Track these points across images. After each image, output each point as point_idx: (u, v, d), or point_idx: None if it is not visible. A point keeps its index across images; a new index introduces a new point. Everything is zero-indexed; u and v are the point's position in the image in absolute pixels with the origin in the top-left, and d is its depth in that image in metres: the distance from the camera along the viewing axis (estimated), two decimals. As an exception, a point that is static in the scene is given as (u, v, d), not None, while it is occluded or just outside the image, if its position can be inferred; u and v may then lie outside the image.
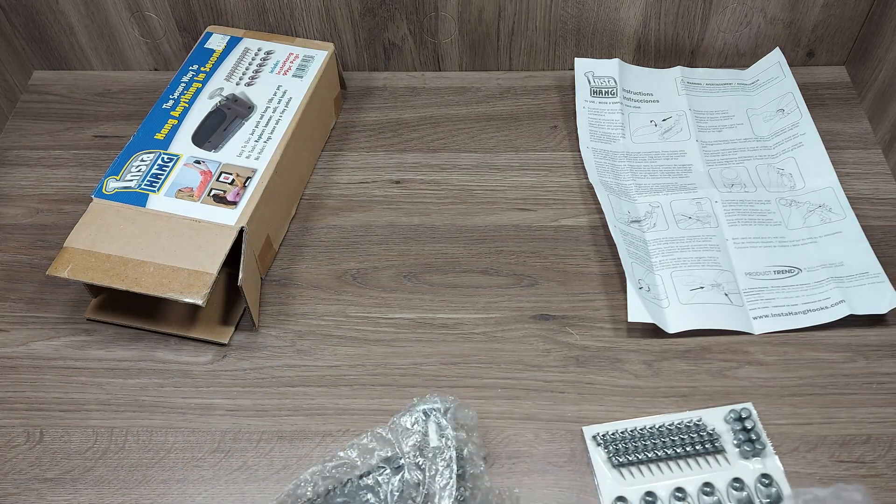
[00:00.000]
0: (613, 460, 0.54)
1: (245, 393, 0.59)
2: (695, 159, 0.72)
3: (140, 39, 0.79)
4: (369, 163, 0.74)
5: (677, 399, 0.58)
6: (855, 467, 0.54)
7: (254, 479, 0.54)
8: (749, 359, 0.60)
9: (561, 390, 0.58)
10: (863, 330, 0.61)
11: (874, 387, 0.58)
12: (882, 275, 0.63)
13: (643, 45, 0.79)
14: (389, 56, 0.80)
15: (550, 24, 0.77)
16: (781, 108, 0.75)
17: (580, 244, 0.67)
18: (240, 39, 0.74)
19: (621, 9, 0.76)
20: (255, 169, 0.64)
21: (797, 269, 0.65)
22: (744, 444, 0.55)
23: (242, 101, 0.69)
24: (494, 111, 0.78)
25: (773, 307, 0.62)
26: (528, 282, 0.65)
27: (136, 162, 0.64)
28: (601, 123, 0.75)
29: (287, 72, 0.71)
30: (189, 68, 0.72)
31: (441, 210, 0.70)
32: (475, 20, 0.77)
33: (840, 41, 0.79)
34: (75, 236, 0.60)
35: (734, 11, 0.76)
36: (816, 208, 0.68)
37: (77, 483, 0.54)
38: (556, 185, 0.72)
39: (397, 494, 0.50)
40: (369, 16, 0.77)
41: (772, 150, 0.73)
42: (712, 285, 0.63)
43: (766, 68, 0.78)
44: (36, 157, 0.75)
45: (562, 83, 0.80)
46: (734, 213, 0.68)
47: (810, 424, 0.56)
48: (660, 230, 0.67)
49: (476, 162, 0.74)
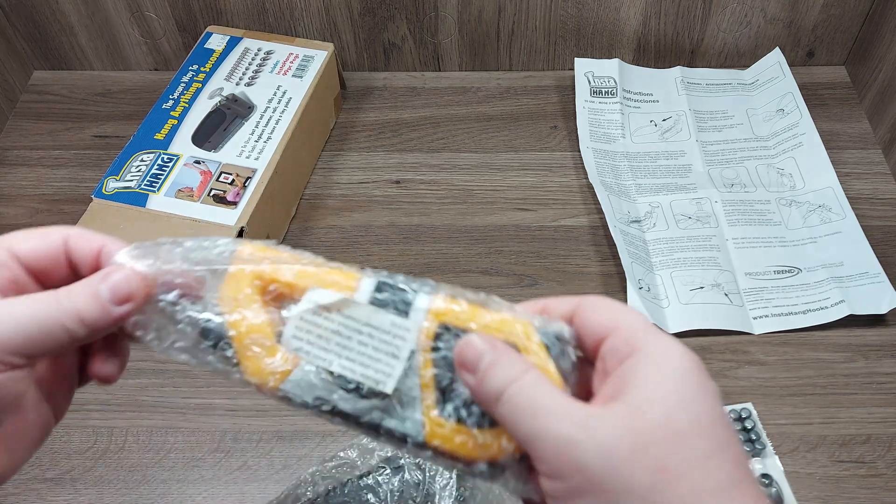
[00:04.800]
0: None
1: (245, 393, 0.59)
2: (695, 159, 0.72)
3: (140, 39, 0.79)
4: (369, 163, 0.74)
5: (677, 399, 0.58)
6: (855, 467, 0.54)
7: (254, 479, 0.54)
8: (749, 359, 0.60)
9: (561, 390, 0.58)
10: (863, 330, 0.61)
11: (874, 387, 0.58)
12: (882, 275, 0.63)
13: (643, 45, 0.79)
14: (389, 56, 0.80)
15: (550, 23, 0.77)
16: (781, 108, 0.75)
17: (580, 244, 0.67)
18: (240, 39, 0.74)
19: (621, 9, 0.76)
20: (254, 169, 0.64)
21: (797, 269, 0.65)
22: (744, 444, 0.54)
23: (242, 101, 0.69)
24: (494, 111, 0.78)
25: (773, 307, 0.62)
26: (528, 282, 0.65)
27: (136, 162, 0.64)
28: (601, 123, 0.75)
29: (287, 72, 0.71)
30: (189, 68, 0.72)
31: (441, 210, 0.70)
32: (475, 20, 0.77)
33: (840, 41, 0.79)
34: (75, 236, 0.60)
35: (734, 11, 0.76)
36: (816, 208, 0.68)
37: (77, 483, 0.54)
38: (556, 185, 0.72)
39: (397, 494, 0.50)
40: (369, 16, 0.77)
41: (772, 150, 0.73)
42: (712, 285, 0.63)
43: (766, 68, 0.78)
44: (36, 157, 0.75)
45: (562, 83, 0.80)
46: (734, 213, 0.68)
47: (810, 424, 0.56)
48: (660, 230, 0.67)
49: (476, 162, 0.74)
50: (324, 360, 0.30)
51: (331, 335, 0.30)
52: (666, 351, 0.28)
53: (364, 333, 0.30)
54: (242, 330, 0.30)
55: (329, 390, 0.29)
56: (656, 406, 0.26)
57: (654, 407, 0.26)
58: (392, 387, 0.29)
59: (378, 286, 0.30)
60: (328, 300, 0.30)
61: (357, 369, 0.29)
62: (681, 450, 0.26)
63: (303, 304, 0.30)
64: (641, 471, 0.25)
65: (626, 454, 0.25)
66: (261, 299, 0.30)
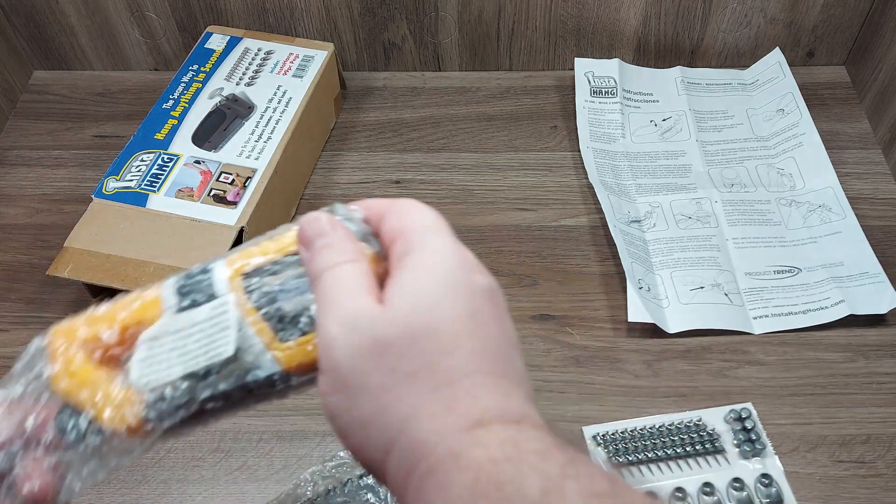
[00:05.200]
0: (613, 460, 0.54)
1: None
2: (695, 159, 0.72)
3: (140, 39, 0.79)
4: (369, 163, 0.74)
5: (677, 399, 0.58)
6: (855, 467, 0.54)
7: (254, 478, 0.54)
8: (749, 359, 0.60)
9: (561, 390, 0.58)
10: (862, 330, 0.61)
11: (874, 387, 0.58)
12: (882, 275, 0.63)
13: (643, 45, 0.79)
14: (389, 56, 0.80)
15: (550, 23, 0.77)
16: (781, 108, 0.75)
17: (580, 244, 0.67)
18: (240, 39, 0.74)
19: (621, 9, 0.76)
20: (255, 169, 0.64)
21: (797, 269, 0.65)
22: (744, 444, 0.55)
23: (242, 101, 0.69)
24: (494, 111, 0.78)
25: (773, 307, 0.62)
26: (527, 282, 0.65)
27: (136, 162, 0.64)
28: (601, 123, 0.75)
29: (287, 72, 0.71)
30: (189, 68, 0.72)
31: (441, 210, 0.68)
32: (475, 20, 0.77)
33: (840, 41, 0.79)
34: (75, 236, 0.60)
35: (734, 11, 0.76)
36: (816, 208, 0.68)
37: (77, 483, 0.54)
38: (556, 185, 0.72)
39: (397, 494, 0.50)
40: (369, 16, 0.77)
41: (772, 150, 0.73)
42: (712, 285, 0.63)
43: (766, 68, 0.78)
44: (36, 157, 0.75)
45: (562, 83, 0.80)
46: (734, 213, 0.68)
47: (810, 424, 0.56)
48: (660, 230, 0.67)
49: (476, 162, 0.74)
50: (171, 374, 0.30)
51: (168, 354, 0.31)
52: (430, 252, 0.28)
53: (193, 333, 0.31)
54: (96, 401, 0.30)
55: (188, 391, 0.30)
56: (401, 308, 0.27)
57: (399, 308, 0.27)
58: (233, 348, 0.30)
59: (178, 290, 0.32)
60: (152, 333, 0.31)
61: (201, 360, 0.30)
62: (413, 350, 0.26)
63: (137, 352, 0.31)
64: (376, 371, 0.26)
65: (367, 354, 0.26)
66: (95, 370, 0.31)
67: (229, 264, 0.31)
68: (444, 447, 0.24)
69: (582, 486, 0.22)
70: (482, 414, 0.25)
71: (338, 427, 0.27)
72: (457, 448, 0.24)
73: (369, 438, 0.26)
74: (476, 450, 0.24)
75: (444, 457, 0.24)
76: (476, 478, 0.23)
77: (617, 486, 0.23)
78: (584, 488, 0.22)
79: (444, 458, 0.24)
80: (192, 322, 0.31)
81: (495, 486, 0.23)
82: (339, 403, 0.27)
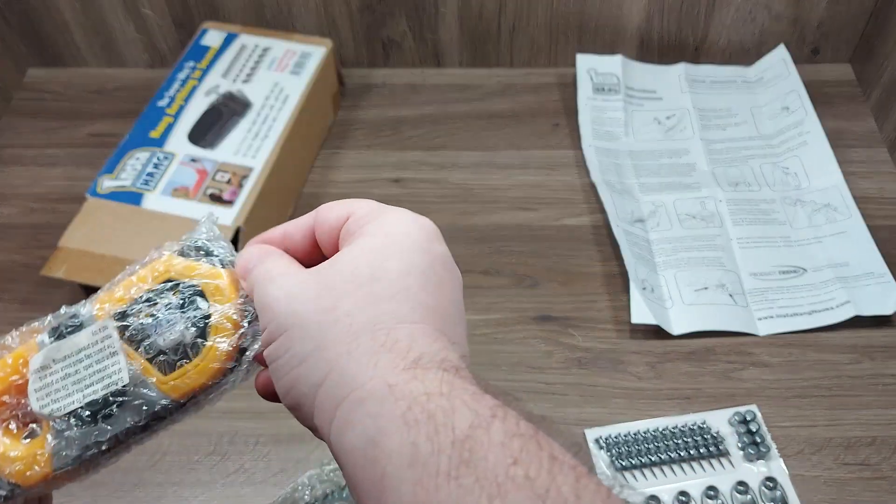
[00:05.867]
0: (616, 463, 0.53)
1: (241, 395, 0.57)
2: (699, 158, 0.72)
3: (136, 36, 0.78)
4: (368, 161, 0.73)
5: (681, 401, 0.57)
6: (860, 469, 0.54)
7: (251, 482, 0.54)
8: (754, 360, 0.59)
9: (563, 392, 0.58)
10: (868, 331, 0.60)
11: (880, 388, 0.58)
12: (888, 275, 0.62)
13: (646, 42, 0.79)
14: (388, 53, 0.80)
15: (552, 20, 0.76)
16: (786, 106, 0.74)
17: (582, 244, 0.66)
18: (236, 36, 0.73)
19: (624, 5, 0.75)
20: (251, 167, 0.63)
21: (802, 270, 0.64)
22: (748, 446, 0.54)
23: (239, 99, 0.68)
24: (495, 109, 0.77)
25: (778, 308, 0.61)
26: (529, 282, 0.64)
27: (132, 160, 0.64)
28: (604, 121, 0.74)
29: (284, 69, 0.71)
30: (185, 65, 0.71)
31: (441, 209, 0.69)
32: (476, 16, 0.76)
33: (845, 38, 0.78)
34: (70, 236, 0.59)
35: (738, 7, 0.75)
36: (822, 207, 0.68)
37: (71, 487, 0.53)
38: (558, 183, 0.71)
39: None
40: (368, 12, 0.76)
41: (776, 149, 0.72)
42: (717, 286, 0.62)
43: (771, 65, 0.77)
44: (30, 155, 0.74)
45: (564, 80, 0.79)
46: (739, 212, 0.67)
47: (815, 426, 0.56)
48: (663, 230, 0.66)
49: (477, 160, 0.73)
50: (72, 402, 0.31)
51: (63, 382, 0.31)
52: (388, 221, 0.30)
53: (82, 360, 0.31)
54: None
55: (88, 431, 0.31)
56: (347, 261, 0.28)
57: (345, 261, 0.28)
58: (126, 375, 0.31)
59: (51, 331, 0.32)
60: (38, 363, 0.32)
61: (98, 388, 0.31)
62: (355, 293, 0.27)
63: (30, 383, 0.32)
64: (314, 311, 0.27)
65: (306, 298, 0.28)
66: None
67: (100, 301, 0.32)
68: (380, 379, 0.25)
69: (507, 427, 0.23)
70: (420, 356, 0.26)
71: (274, 369, 0.28)
72: (392, 380, 0.25)
73: (304, 375, 0.27)
74: (413, 383, 0.25)
75: (378, 387, 0.25)
76: (409, 407, 0.24)
77: (540, 430, 0.24)
78: (510, 429, 0.23)
79: (377, 388, 0.25)
80: (77, 348, 0.31)
81: (427, 415, 0.24)
82: (279, 347, 0.28)
